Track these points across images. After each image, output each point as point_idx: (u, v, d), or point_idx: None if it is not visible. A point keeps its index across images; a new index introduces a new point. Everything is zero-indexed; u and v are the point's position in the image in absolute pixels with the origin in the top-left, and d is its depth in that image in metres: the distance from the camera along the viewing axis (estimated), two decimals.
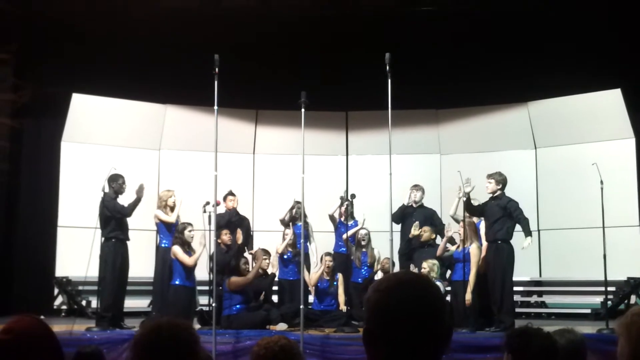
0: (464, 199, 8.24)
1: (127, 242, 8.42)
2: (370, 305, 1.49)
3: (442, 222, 9.26)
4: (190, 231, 8.39)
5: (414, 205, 9.36)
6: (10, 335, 2.03)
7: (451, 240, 8.73)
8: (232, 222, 9.27)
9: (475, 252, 8.17)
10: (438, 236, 9.09)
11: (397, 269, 8.38)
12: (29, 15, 10.02)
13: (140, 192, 8.35)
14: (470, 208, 8.28)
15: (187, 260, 8.23)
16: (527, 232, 8.17)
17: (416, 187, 9.47)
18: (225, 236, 8.87)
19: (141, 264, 9.17)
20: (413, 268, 8.45)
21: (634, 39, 9.75)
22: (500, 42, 10.47)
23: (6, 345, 2.01)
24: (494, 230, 8.14)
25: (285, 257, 9.10)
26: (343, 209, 9.34)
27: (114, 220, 8.26)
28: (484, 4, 10.22)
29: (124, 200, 8.47)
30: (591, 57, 10.08)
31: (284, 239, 9.17)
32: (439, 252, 8.59)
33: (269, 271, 8.86)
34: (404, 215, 9.32)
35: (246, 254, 9.06)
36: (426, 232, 8.89)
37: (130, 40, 10.09)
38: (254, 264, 8.78)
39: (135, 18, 9.87)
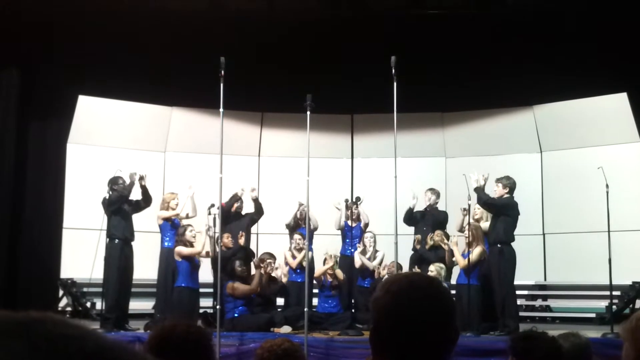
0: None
1: (132, 244, 8.43)
2: (379, 306, 1.47)
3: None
4: (191, 231, 8.39)
5: (428, 209, 9.36)
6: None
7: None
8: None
9: (479, 252, 8.18)
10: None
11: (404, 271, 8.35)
12: (35, 17, 10.04)
13: (133, 177, 8.45)
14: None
15: (195, 250, 8.23)
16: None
17: (431, 190, 9.48)
18: (227, 239, 8.85)
19: (146, 265, 9.18)
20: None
21: None
22: (506, 46, 10.44)
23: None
24: (495, 232, 8.16)
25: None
26: (349, 212, 9.34)
27: (118, 218, 8.27)
28: (490, 8, 10.20)
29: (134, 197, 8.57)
30: (597, 60, 10.04)
31: (291, 244, 9.15)
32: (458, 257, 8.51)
33: (279, 275, 8.82)
34: (412, 218, 9.31)
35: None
36: (436, 237, 8.85)
37: (137, 43, 10.10)
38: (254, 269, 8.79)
39: (142, 20, 9.88)
